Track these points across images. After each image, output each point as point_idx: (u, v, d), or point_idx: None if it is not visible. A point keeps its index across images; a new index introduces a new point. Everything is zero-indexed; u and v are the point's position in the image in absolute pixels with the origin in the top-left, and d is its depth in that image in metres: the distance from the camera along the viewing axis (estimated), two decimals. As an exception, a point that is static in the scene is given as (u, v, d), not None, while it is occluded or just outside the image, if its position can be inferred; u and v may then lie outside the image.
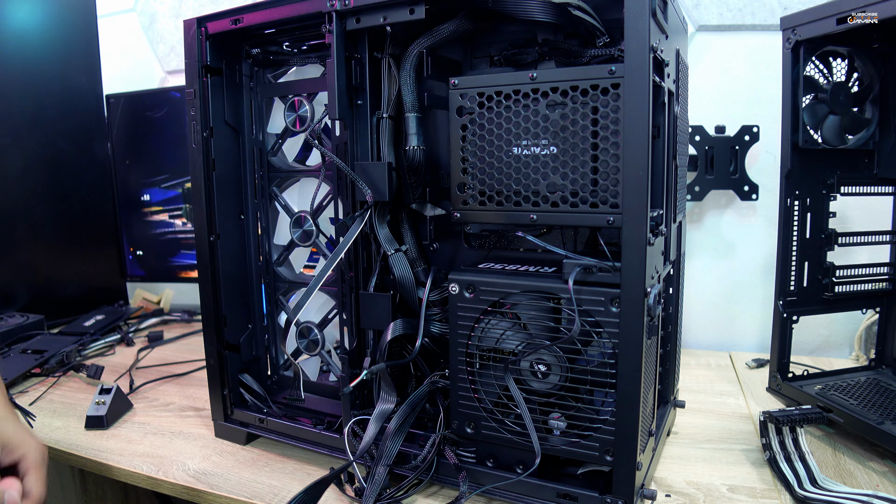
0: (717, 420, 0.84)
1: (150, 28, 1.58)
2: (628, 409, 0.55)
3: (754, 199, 1.13)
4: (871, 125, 0.84)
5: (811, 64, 0.81)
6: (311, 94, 0.76)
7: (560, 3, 0.55)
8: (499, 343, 0.61)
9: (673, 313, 0.76)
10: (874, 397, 0.79)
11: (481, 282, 0.61)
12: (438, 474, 0.65)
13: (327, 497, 0.65)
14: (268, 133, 0.82)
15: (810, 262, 0.85)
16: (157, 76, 1.59)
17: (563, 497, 0.60)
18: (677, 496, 0.65)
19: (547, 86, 0.56)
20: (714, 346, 1.19)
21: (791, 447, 0.68)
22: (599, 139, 0.55)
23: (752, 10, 1.10)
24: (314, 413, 0.79)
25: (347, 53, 0.66)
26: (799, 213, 0.83)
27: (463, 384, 0.63)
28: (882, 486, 0.65)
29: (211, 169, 0.76)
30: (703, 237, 1.18)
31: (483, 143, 0.60)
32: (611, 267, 0.55)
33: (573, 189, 0.57)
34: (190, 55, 0.75)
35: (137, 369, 1.10)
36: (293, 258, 0.85)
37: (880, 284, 0.88)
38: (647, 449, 0.62)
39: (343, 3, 0.63)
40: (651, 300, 0.54)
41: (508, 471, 0.63)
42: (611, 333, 0.55)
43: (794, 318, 0.85)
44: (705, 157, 1.13)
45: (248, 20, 0.71)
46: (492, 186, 0.60)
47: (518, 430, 0.61)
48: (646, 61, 0.51)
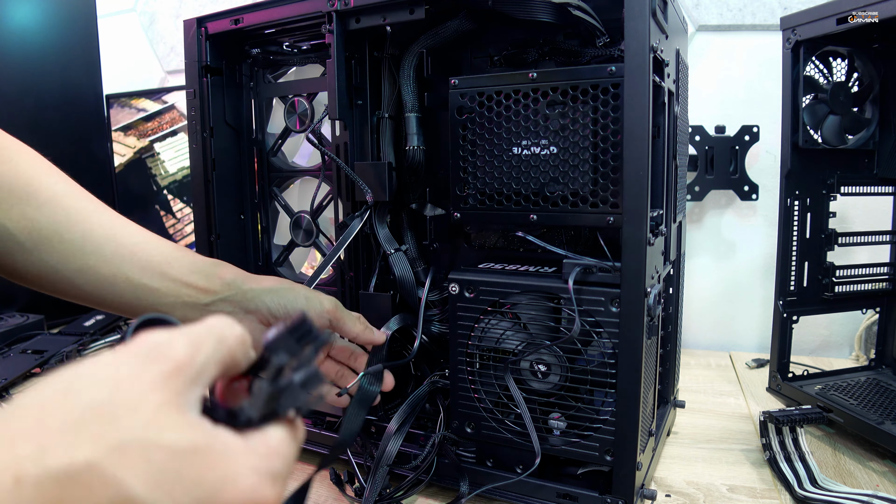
0: (717, 420, 0.84)
1: (150, 28, 1.59)
2: (628, 409, 0.55)
3: (754, 199, 1.13)
4: (871, 125, 0.84)
5: (811, 64, 0.81)
6: (311, 94, 0.76)
7: (560, 4, 0.55)
8: (499, 343, 0.61)
9: (673, 313, 0.76)
10: (874, 397, 0.79)
11: (481, 282, 0.61)
12: (438, 474, 0.65)
13: (327, 497, 0.65)
14: (268, 133, 0.82)
15: (810, 262, 0.85)
16: (157, 76, 1.59)
17: (563, 497, 0.60)
18: (677, 496, 0.65)
19: (547, 86, 0.56)
20: (714, 346, 1.19)
21: (791, 447, 0.68)
22: (599, 139, 0.55)
23: (752, 10, 1.10)
24: (314, 413, 0.79)
25: (347, 53, 0.66)
26: (799, 213, 0.83)
27: (463, 384, 0.63)
28: (882, 486, 0.65)
29: (211, 169, 0.77)
30: (703, 237, 1.18)
31: (483, 143, 0.60)
32: (611, 267, 0.55)
33: (573, 189, 0.57)
34: (190, 55, 0.75)
35: (137, 369, 1.10)
36: (293, 258, 0.85)
37: (880, 284, 0.88)
38: (647, 449, 0.62)
39: (343, 3, 0.63)
40: (651, 300, 0.54)
41: (508, 471, 0.63)
42: (611, 333, 0.55)
43: (794, 318, 0.85)
44: (705, 157, 1.13)
45: (248, 20, 0.71)
46: (492, 186, 0.60)
47: (518, 430, 0.61)
48: (646, 61, 0.51)
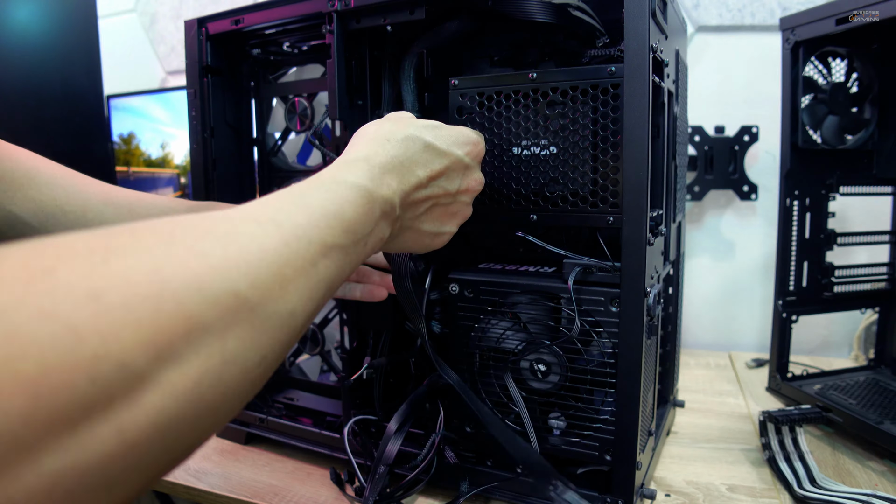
0: (717, 420, 0.84)
1: (151, 28, 1.59)
2: (628, 409, 0.55)
3: (754, 199, 1.13)
4: (870, 125, 0.84)
5: (810, 64, 0.81)
6: (311, 95, 0.76)
7: (560, 4, 0.55)
8: (499, 343, 0.61)
9: (673, 313, 0.76)
10: (873, 397, 0.80)
11: (481, 282, 0.61)
12: (438, 474, 0.65)
13: (327, 497, 0.65)
14: (268, 133, 0.82)
15: (810, 262, 0.85)
16: (157, 76, 1.59)
17: (562, 496, 0.60)
18: (677, 496, 0.65)
19: (547, 86, 0.56)
20: (714, 346, 1.19)
21: (790, 447, 0.68)
22: (599, 139, 0.55)
23: (752, 10, 1.10)
24: (314, 413, 0.79)
25: (347, 54, 0.66)
26: (798, 213, 0.83)
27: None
28: (881, 486, 0.65)
29: (212, 169, 0.77)
30: (702, 237, 1.19)
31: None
32: (610, 267, 0.55)
33: (573, 189, 0.57)
34: (191, 56, 0.75)
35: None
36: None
37: (879, 284, 0.88)
38: (646, 449, 0.62)
39: (343, 3, 0.63)
40: (651, 300, 0.54)
41: (508, 471, 0.63)
42: (611, 333, 0.55)
43: (793, 318, 0.85)
44: (705, 157, 1.13)
45: (248, 21, 0.71)
46: (491, 186, 0.60)
47: (518, 430, 0.61)
48: (645, 62, 0.51)
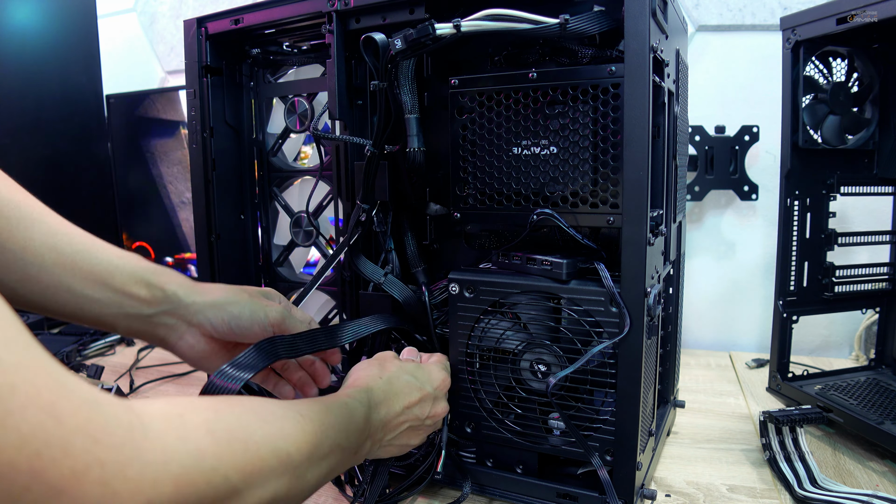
0: (717, 420, 0.84)
1: (151, 28, 1.59)
2: (628, 409, 0.55)
3: (754, 199, 1.13)
4: (870, 125, 0.84)
5: (811, 64, 0.81)
6: (311, 95, 0.76)
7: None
8: (499, 343, 0.61)
9: (673, 313, 0.75)
10: (874, 397, 0.79)
11: (481, 282, 0.61)
12: (438, 474, 0.65)
13: (327, 497, 0.65)
14: (268, 133, 0.82)
15: (810, 262, 0.85)
16: (157, 76, 1.59)
17: (563, 497, 0.60)
18: (677, 496, 0.65)
19: (547, 86, 0.56)
20: (714, 346, 1.19)
21: (791, 447, 0.68)
22: (599, 139, 0.55)
23: (752, 10, 1.10)
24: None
25: (347, 53, 0.66)
26: (799, 213, 0.83)
27: (463, 384, 0.63)
28: (882, 486, 0.65)
29: (211, 169, 0.77)
30: (703, 237, 1.18)
31: (483, 143, 0.60)
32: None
33: (573, 189, 0.57)
34: (190, 55, 0.75)
35: (138, 369, 1.10)
36: (293, 258, 0.85)
37: (880, 284, 0.88)
38: (647, 449, 0.62)
39: (343, 3, 0.63)
40: (651, 300, 0.54)
41: (508, 471, 0.63)
42: (611, 333, 0.55)
43: (793, 318, 0.85)
44: (705, 157, 1.13)
45: (248, 20, 0.71)
46: (492, 186, 0.60)
47: (518, 430, 0.61)
48: (646, 61, 0.51)
